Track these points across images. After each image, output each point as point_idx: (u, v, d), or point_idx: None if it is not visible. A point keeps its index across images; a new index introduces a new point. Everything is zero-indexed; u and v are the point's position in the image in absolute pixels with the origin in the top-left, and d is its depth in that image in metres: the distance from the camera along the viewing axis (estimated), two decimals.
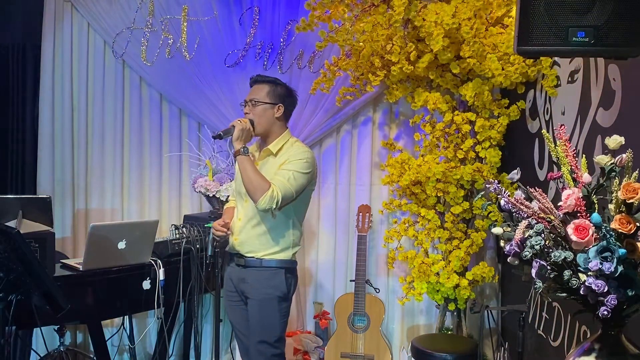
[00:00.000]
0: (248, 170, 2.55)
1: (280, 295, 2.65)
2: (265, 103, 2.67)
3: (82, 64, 4.05)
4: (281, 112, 2.70)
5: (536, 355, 2.86)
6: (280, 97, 2.70)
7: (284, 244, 2.67)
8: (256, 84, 2.74)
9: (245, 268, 2.69)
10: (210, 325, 3.89)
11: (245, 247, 2.68)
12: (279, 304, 2.66)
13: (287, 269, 2.69)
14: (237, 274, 2.72)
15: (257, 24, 3.87)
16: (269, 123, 2.69)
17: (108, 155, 4.07)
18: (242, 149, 2.57)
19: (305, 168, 2.61)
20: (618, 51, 1.70)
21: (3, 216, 3.02)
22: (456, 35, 3.04)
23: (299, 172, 2.59)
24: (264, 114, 2.67)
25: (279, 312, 2.66)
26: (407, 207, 3.57)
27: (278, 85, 2.73)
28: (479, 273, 3.42)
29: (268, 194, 2.50)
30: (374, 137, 3.87)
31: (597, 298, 1.39)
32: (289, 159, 2.62)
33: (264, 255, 2.66)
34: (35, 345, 3.46)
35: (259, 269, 2.66)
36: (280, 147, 2.69)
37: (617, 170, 1.45)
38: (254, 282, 2.66)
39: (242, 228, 2.70)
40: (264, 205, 2.51)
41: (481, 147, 3.35)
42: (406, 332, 3.87)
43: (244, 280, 2.69)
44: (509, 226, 1.57)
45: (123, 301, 3.05)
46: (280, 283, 2.65)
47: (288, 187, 2.55)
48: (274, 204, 2.50)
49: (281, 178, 2.56)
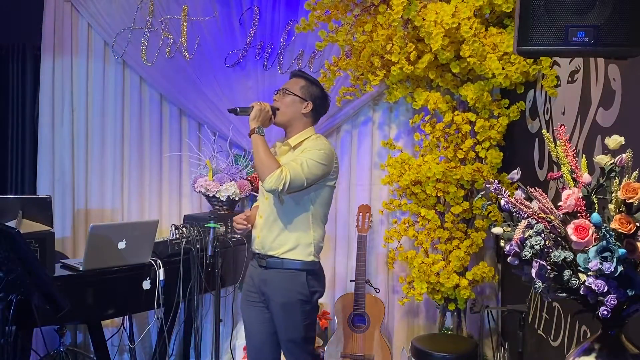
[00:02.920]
0: (259, 150, 2.51)
1: (302, 298, 2.60)
2: (295, 95, 2.65)
3: (82, 64, 4.04)
4: (309, 109, 2.66)
5: (536, 355, 2.86)
6: (312, 96, 2.67)
7: (304, 242, 2.60)
8: (295, 77, 2.74)
9: (267, 269, 2.64)
10: (210, 325, 3.89)
11: (265, 245, 2.64)
12: (302, 307, 2.61)
13: (309, 271, 2.62)
14: (259, 275, 2.68)
15: (257, 24, 3.87)
16: (293, 116, 2.66)
17: (108, 156, 4.06)
18: (257, 129, 2.55)
19: (321, 158, 2.55)
20: (618, 51, 1.70)
21: (3, 216, 3.02)
22: (456, 35, 3.05)
23: (314, 161, 2.53)
24: (291, 105, 2.65)
25: (302, 314, 2.61)
26: (407, 207, 3.57)
27: (314, 85, 2.71)
28: (479, 273, 3.42)
29: (276, 172, 2.45)
30: (374, 137, 3.87)
31: (597, 298, 1.39)
32: (306, 149, 2.59)
33: (283, 253, 2.60)
34: (35, 345, 3.45)
35: (280, 271, 2.61)
36: (300, 141, 2.65)
37: (617, 170, 1.45)
38: (275, 285, 2.62)
39: (262, 226, 2.66)
40: (270, 184, 2.46)
41: (481, 147, 3.35)
42: (406, 332, 3.87)
43: (265, 283, 2.65)
44: (509, 226, 1.57)
45: (123, 301, 3.05)
46: (301, 286, 2.60)
47: (299, 171, 2.49)
48: (280, 184, 2.44)
49: (293, 163, 2.52)
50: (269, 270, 2.64)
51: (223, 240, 3.33)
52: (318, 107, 2.70)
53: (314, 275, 2.66)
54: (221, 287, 3.21)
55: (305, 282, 2.61)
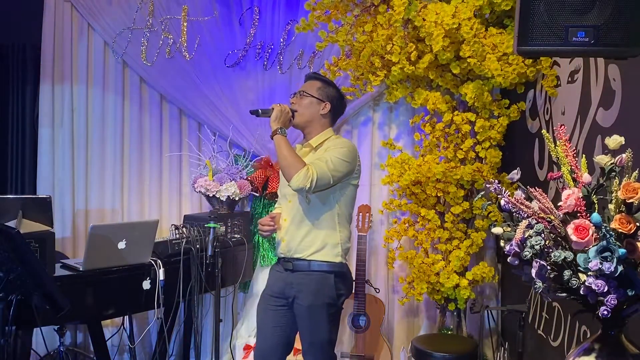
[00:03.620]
0: (283, 150, 2.50)
1: (329, 302, 2.58)
2: (312, 97, 2.65)
3: (82, 64, 4.05)
4: (327, 110, 2.66)
5: (536, 355, 2.86)
6: (330, 97, 2.67)
7: (330, 242, 2.59)
8: (310, 79, 2.73)
9: (294, 272, 2.62)
10: (210, 325, 3.89)
11: (292, 248, 2.62)
12: (328, 310, 2.59)
13: (337, 273, 2.61)
14: (284, 279, 2.64)
15: (257, 24, 3.87)
16: (312, 117, 2.65)
17: (108, 156, 4.06)
18: (279, 129, 2.54)
19: (345, 155, 2.54)
20: (618, 51, 1.70)
21: (3, 216, 3.02)
22: (456, 35, 3.05)
23: (338, 158, 2.52)
24: (309, 107, 2.65)
25: (327, 317, 2.59)
26: (407, 207, 3.57)
27: (331, 86, 2.71)
28: (479, 273, 3.42)
29: (302, 171, 2.43)
30: (374, 137, 3.87)
31: (597, 298, 1.39)
32: (329, 148, 2.58)
33: (310, 255, 2.58)
34: (35, 345, 3.45)
35: (307, 273, 2.59)
36: (322, 142, 2.65)
37: (617, 170, 1.45)
38: (302, 288, 2.59)
39: (288, 228, 2.64)
40: (297, 183, 2.44)
41: (481, 147, 3.35)
42: (406, 332, 3.87)
43: (291, 285, 2.61)
44: (509, 226, 1.57)
45: (123, 301, 3.05)
46: (329, 289, 2.58)
47: (325, 169, 2.47)
48: (308, 182, 2.43)
49: (318, 161, 2.50)
50: (295, 274, 2.61)
51: (223, 240, 3.33)
52: (336, 108, 2.71)
53: (342, 277, 2.64)
54: (221, 287, 3.21)
55: (333, 285, 2.58)
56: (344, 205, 2.64)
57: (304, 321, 2.61)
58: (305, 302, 2.58)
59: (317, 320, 2.59)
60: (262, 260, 3.81)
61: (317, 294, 2.57)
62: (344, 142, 2.63)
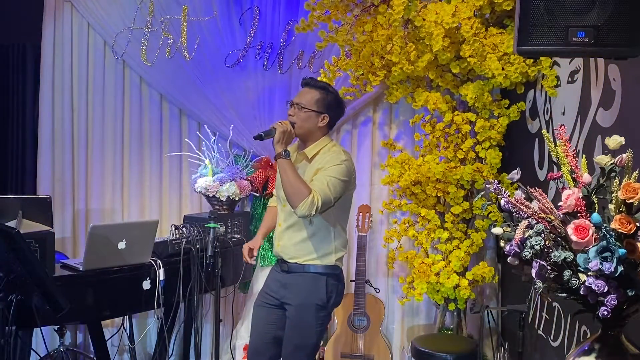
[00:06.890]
0: (289, 174, 2.48)
1: (318, 303, 2.59)
2: (311, 110, 2.60)
3: (82, 64, 4.04)
4: (325, 122, 2.63)
5: (536, 355, 2.86)
6: (328, 107, 2.63)
7: (326, 249, 2.61)
8: (307, 87, 2.66)
9: (289, 273, 2.64)
10: (210, 325, 3.89)
11: (287, 253, 2.64)
12: (317, 312, 2.60)
13: (330, 275, 2.62)
14: (280, 279, 2.68)
15: (257, 24, 3.86)
16: (311, 129, 2.63)
17: (108, 155, 4.06)
18: (284, 152, 2.50)
19: (343, 174, 2.54)
20: (618, 51, 1.70)
21: (3, 216, 3.02)
22: (456, 35, 3.04)
23: (337, 179, 2.51)
24: (307, 120, 2.60)
25: (316, 320, 2.61)
26: (407, 207, 3.57)
27: (329, 94, 2.65)
28: (479, 273, 3.42)
29: (308, 200, 2.42)
30: (374, 137, 3.87)
31: (597, 298, 1.39)
32: (325, 166, 2.55)
33: (305, 260, 2.61)
34: (35, 345, 3.45)
35: (301, 274, 2.61)
36: (317, 152, 2.63)
37: (617, 170, 1.45)
38: (294, 287, 2.62)
39: (283, 234, 2.66)
40: (303, 212, 2.44)
41: (481, 147, 3.35)
42: (406, 332, 3.87)
43: (285, 286, 2.65)
44: (509, 226, 1.57)
45: (123, 301, 3.05)
46: (320, 290, 2.59)
47: (328, 193, 2.47)
48: (313, 210, 2.43)
49: (319, 184, 2.49)
50: (290, 274, 2.64)
51: (223, 240, 3.33)
52: (334, 116, 2.68)
53: (335, 279, 2.65)
54: (221, 287, 3.21)
55: (324, 287, 2.60)
56: (340, 212, 2.65)
57: (294, 321, 2.62)
58: (295, 301, 2.61)
59: (305, 321, 2.60)
60: (262, 261, 3.80)
61: (307, 294, 2.60)
62: (339, 156, 2.59)
